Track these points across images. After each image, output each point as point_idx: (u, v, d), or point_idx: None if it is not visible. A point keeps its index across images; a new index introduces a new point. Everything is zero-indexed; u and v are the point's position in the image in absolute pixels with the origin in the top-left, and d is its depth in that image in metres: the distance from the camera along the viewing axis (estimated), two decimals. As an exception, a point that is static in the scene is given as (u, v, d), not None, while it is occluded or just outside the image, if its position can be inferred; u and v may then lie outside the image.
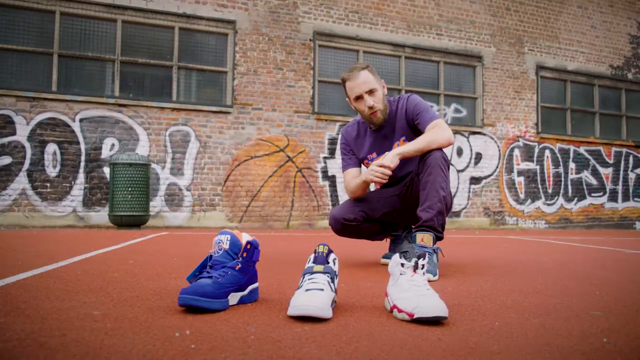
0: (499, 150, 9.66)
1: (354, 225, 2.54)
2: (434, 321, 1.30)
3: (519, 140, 9.84)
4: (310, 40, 8.42)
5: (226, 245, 1.50)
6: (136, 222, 6.46)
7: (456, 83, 9.55)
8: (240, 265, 1.49)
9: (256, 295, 1.57)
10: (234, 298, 1.47)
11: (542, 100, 10.13)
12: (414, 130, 2.48)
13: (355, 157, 2.61)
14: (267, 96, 8.13)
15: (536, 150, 9.98)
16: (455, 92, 9.50)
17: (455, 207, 9.28)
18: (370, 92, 2.41)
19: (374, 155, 2.55)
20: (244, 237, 1.54)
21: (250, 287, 1.53)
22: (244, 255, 1.51)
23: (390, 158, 2.30)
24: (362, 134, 2.59)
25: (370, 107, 2.41)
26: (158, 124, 7.48)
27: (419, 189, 2.40)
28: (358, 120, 2.64)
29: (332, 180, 8.39)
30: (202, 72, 7.99)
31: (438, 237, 2.30)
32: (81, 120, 7.12)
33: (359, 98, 2.43)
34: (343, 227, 2.55)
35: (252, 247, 1.52)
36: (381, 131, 2.52)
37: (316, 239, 5.06)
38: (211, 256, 1.52)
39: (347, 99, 2.51)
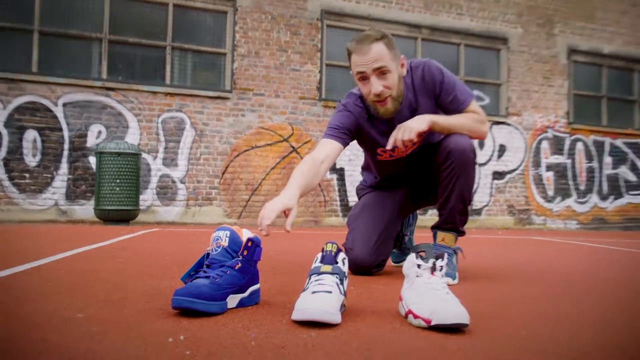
0: (525, 142, 9.61)
1: (383, 265, 2.45)
2: (454, 329, 1.29)
3: (547, 132, 9.79)
4: (318, 19, 8.39)
5: (225, 242, 1.50)
6: (125, 217, 6.48)
7: (478, 68, 9.49)
8: (240, 265, 1.49)
9: (257, 298, 1.57)
10: (233, 300, 1.47)
11: (574, 87, 10.05)
12: (441, 110, 2.27)
13: (348, 137, 2.25)
14: (269, 81, 8.12)
15: (567, 142, 9.92)
16: (478, 78, 9.44)
17: (476, 205, 9.25)
18: (381, 72, 2.04)
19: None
20: (245, 234, 1.53)
21: (250, 289, 1.53)
22: (245, 253, 1.50)
23: (420, 122, 2.08)
24: (374, 115, 2.22)
25: (378, 95, 2.07)
26: (150, 109, 7.49)
27: (431, 175, 2.34)
28: None
29: (340, 173, 8.38)
30: (198, 54, 7.98)
31: (459, 235, 2.29)
32: (64, 104, 7.14)
33: (363, 77, 2.08)
34: (372, 272, 2.38)
35: (254, 244, 1.52)
36: (399, 113, 2.19)
37: (322, 238, 5.06)
38: (208, 254, 1.52)
39: (351, 72, 2.16)
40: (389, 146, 2.11)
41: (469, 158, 2.17)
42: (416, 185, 2.51)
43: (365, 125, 2.27)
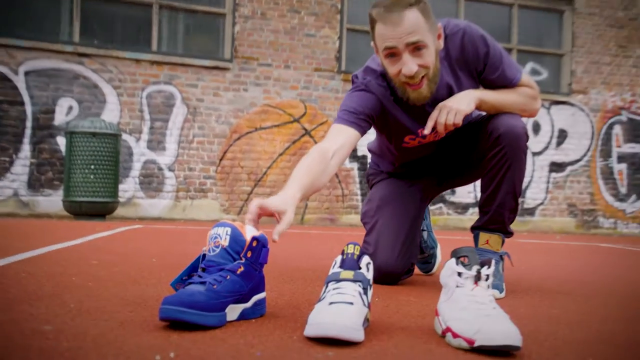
0: (592, 126, 9.52)
1: (412, 269, 2.47)
2: (502, 352, 1.28)
3: (621, 114, 9.69)
4: (338, -29, 8.37)
5: (225, 242, 1.50)
6: (100, 210, 6.54)
7: (535, 34, 9.40)
8: (242, 269, 1.49)
9: (263, 309, 1.58)
10: (233, 311, 1.48)
11: (654, 59, 9.94)
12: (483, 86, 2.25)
13: (367, 125, 2.18)
14: (278, 48, 8.12)
15: (644, 127, 9.83)
16: (534, 47, 9.35)
17: (528, 203, 9.20)
18: (416, 47, 1.96)
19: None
20: (249, 232, 1.54)
21: (255, 298, 1.54)
22: (248, 255, 1.51)
23: (467, 101, 2.07)
24: (401, 96, 2.15)
25: (411, 76, 2.00)
26: (132, 81, 7.53)
27: (470, 159, 2.33)
28: None
29: (362, 162, 8.37)
30: (192, 14, 8.00)
31: (507, 237, 2.29)
32: (27, 73, 7.20)
33: (392, 53, 2.00)
34: (400, 279, 2.41)
35: (259, 244, 1.52)
36: (432, 95, 2.12)
37: (339, 239, 5.06)
38: (204, 256, 1.52)
39: (372, 44, 2.08)
40: (427, 130, 2.10)
41: (523, 144, 2.16)
42: (445, 166, 2.50)
43: (391, 108, 2.21)
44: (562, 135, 9.38)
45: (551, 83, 9.46)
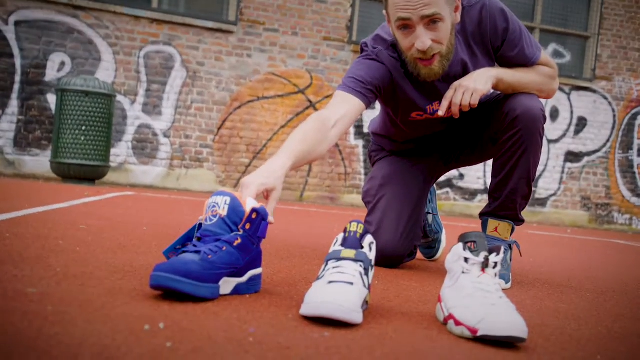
0: (614, 116, 9.50)
1: (415, 252, 2.50)
2: (506, 342, 1.29)
3: (645, 104, 9.66)
4: None
5: (224, 211, 1.50)
6: (90, 174, 6.55)
7: (560, 14, 9.34)
8: (240, 241, 1.50)
9: (258, 285, 1.59)
10: (227, 285, 1.49)
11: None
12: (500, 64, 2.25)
13: (373, 97, 2.15)
14: (286, 13, 8.07)
15: (669, 120, 9.81)
16: (558, 28, 9.29)
17: (540, 193, 9.20)
18: (433, 20, 1.94)
19: (437, 105, 2.22)
20: (249, 203, 1.54)
21: (250, 273, 1.55)
22: (247, 227, 1.51)
23: (485, 80, 2.07)
24: (412, 71, 2.14)
25: (424, 52, 1.99)
26: (130, 39, 7.50)
27: (482, 140, 2.34)
28: None
29: (368, 139, 8.36)
30: (196, -30, 7.94)
31: (517, 224, 2.31)
32: (17, 23, 7.17)
33: (406, 25, 1.97)
34: (402, 262, 2.44)
35: (259, 216, 1.53)
36: (446, 70, 2.12)
37: (340, 219, 5.08)
38: (200, 225, 1.53)
39: (384, 12, 2.06)
40: (442, 111, 2.10)
41: (540, 127, 2.16)
42: (452, 143, 2.50)
43: (401, 82, 2.19)
44: (581, 124, 9.36)
45: (574, 67, 9.41)
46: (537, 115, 2.13)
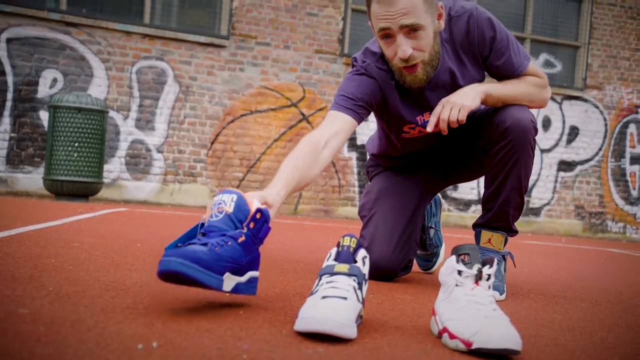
0: (606, 124, 9.54)
1: (410, 266, 2.49)
2: (501, 355, 1.29)
3: (638, 112, 9.71)
4: (345, -52, 8.34)
5: (230, 208, 1.53)
6: (83, 191, 6.54)
7: (550, 24, 9.40)
8: (244, 238, 1.51)
9: (254, 288, 1.59)
10: (229, 281, 1.49)
11: (674, 56, 9.95)
12: (489, 73, 2.28)
13: (365, 112, 2.18)
14: (278, 27, 8.10)
15: (660, 128, 9.86)
16: (548, 37, 9.34)
17: (534, 202, 9.22)
18: (412, 29, 1.98)
19: (428, 116, 2.24)
20: (255, 204, 1.57)
21: (249, 274, 1.56)
22: (251, 226, 1.54)
23: (473, 96, 2.08)
24: (398, 79, 2.17)
25: (405, 60, 2.02)
26: (122, 55, 7.51)
27: (475, 153, 2.35)
28: None
29: (361, 151, 8.38)
30: (187, -14, 7.96)
31: (511, 235, 2.31)
32: (9, 40, 7.17)
33: (387, 35, 2.01)
34: (397, 276, 2.43)
35: (263, 217, 1.55)
36: (435, 79, 2.17)
37: (334, 232, 5.08)
38: (203, 224, 1.55)
39: (369, 24, 2.09)
40: (429, 128, 2.11)
41: (530, 138, 2.17)
42: (447, 159, 2.51)
43: (390, 95, 2.22)
44: (573, 133, 9.40)
45: (565, 76, 9.46)
46: (527, 126, 2.14)
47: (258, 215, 1.54)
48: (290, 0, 8.16)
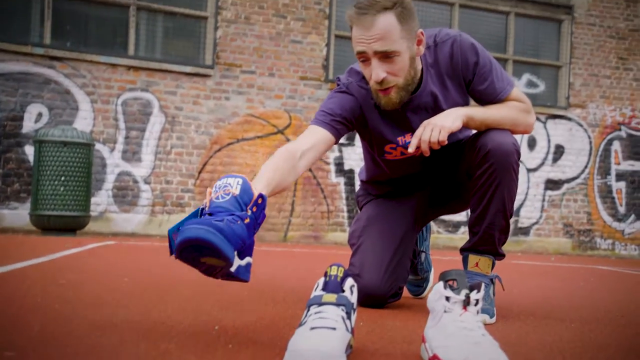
0: (591, 142, 9.61)
1: (400, 293, 2.47)
2: (492, 381, 1.29)
3: (621, 129, 9.79)
4: (327, -24, 8.42)
5: (236, 190, 1.57)
6: (71, 225, 6.50)
7: (531, 45, 9.50)
8: (249, 220, 1.54)
9: (249, 273, 1.60)
10: (235, 260, 1.52)
11: (656, 72, 10.07)
12: (472, 98, 2.31)
13: (343, 128, 2.23)
14: (262, 55, 8.14)
15: (645, 144, 9.94)
16: (531, 58, 9.45)
17: (523, 222, 9.25)
18: (386, 55, 2.03)
19: (409, 137, 2.25)
20: (256, 190, 1.62)
21: (247, 259, 1.58)
22: (254, 210, 1.58)
23: (453, 118, 2.10)
24: (375, 100, 2.22)
25: (379, 82, 2.07)
26: (107, 87, 7.52)
27: (460, 178, 2.36)
28: None
29: (349, 176, 8.39)
30: (171, 17, 8.01)
31: (498, 259, 2.31)
32: (-6, 76, 7.17)
33: (364, 59, 2.08)
34: (386, 303, 2.41)
35: (263, 203, 1.60)
36: (417, 100, 2.22)
37: (324, 258, 5.06)
38: (203, 209, 1.58)
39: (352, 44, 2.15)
40: (411, 149, 2.12)
41: (512, 160, 2.18)
42: (436, 186, 2.52)
43: (370, 114, 2.27)
44: (559, 151, 9.46)
45: (548, 96, 9.55)
46: (508, 149, 2.16)
47: (259, 201, 1.59)
48: (274, 28, 8.22)
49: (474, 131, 2.30)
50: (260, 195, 1.59)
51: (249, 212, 1.55)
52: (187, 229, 1.41)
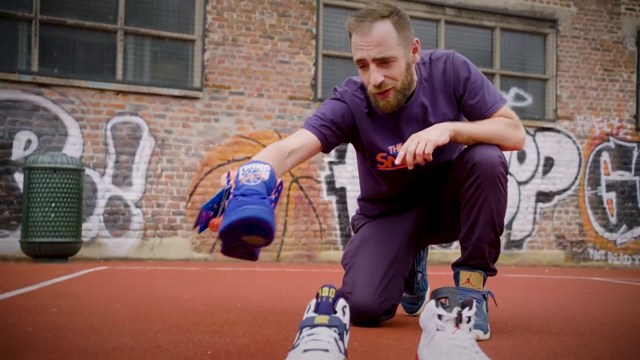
0: (580, 154, 9.66)
1: (394, 310, 2.47)
2: (486, 399, 1.29)
3: (609, 140, 9.86)
4: (312, -4, 8.48)
5: (266, 176, 1.66)
6: (62, 251, 6.47)
7: (518, 58, 9.58)
8: (274, 205, 1.65)
9: (259, 252, 1.75)
10: None
11: (643, 82, 10.15)
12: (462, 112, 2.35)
13: (332, 135, 2.31)
14: (250, 76, 8.17)
15: (635, 153, 9.99)
16: (517, 72, 9.52)
17: (515, 235, 9.26)
18: (384, 61, 2.14)
19: (400, 147, 2.28)
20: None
21: None
22: (276, 195, 1.70)
23: (440, 132, 2.13)
24: (376, 111, 2.32)
25: (377, 86, 2.17)
26: (96, 112, 7.52)
27: (450, 196, 2.37)
28: None
29: (340, 194, 8.40)
30: (159, 41, 8.04)
31: (489, 274, 2.31)
32: (-19, 104, 7.16)
33: (363, 65, 2.19)
34: (379, 321, 2.40)
35: (281, 189, 1.74)
36: (408, 110, 2.30)
37: (317, 277, 5.05)
38: (227, 191, 1.70)
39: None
40: (397, 160, 2.13)
41: (499, 173, 2.20)
42: (431, 207, 2.53)
43: (362, 122, 2.35)
44: (549, 164, 9.50)
45: (536, 109, 9.61)
46: (494, 161, 2.18)
47: (280, 187, 1.72)
48: (262, 49, 8.25)
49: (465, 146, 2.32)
50: (281, 183, 1.72)
51: (273, 197, 1.67)
52: (246, 208, 1.51)
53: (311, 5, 8.47)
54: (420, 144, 2.10)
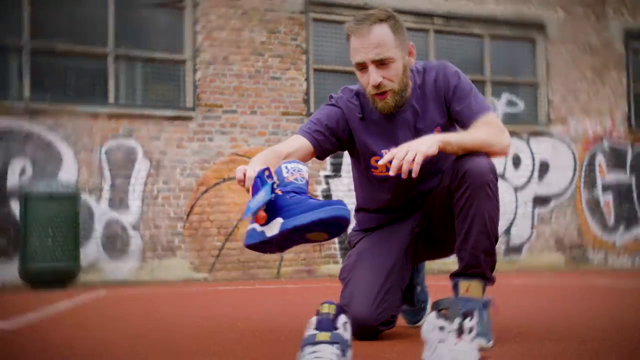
0: (574, 157, 9.68)
1: (393, 321, 2.47)
2: (491, 409, 1.29)
3: (602, 142, 9.87)
4: (301, 12, 8.51)
5: (306, 176, 1.80)
6: (60, 277, 6.43)
7: (509, 65, 9.60)
8: None
9: None
10: None
11: (635, 81, 10.18)
12: (452, 119, 2.42)
13: (325, 141, 2.41)
14: (243, 93, 8.18)
15: (629, 153, 10.01)
16: (508, 78, 9.55)
17: (514, 241, 9.25)
18: (382, 62, 2.25)
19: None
20: None
21: None
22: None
23: (429, 144, 2.14)
24: (369, 116, 2.42)
25: (376, 87, 2.27)
26: (89, 137, 7.51)
27: (444, 207, 2.38)
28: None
29: (338, 208, 8.38)
30: (150, 63, 8.05)
31: (488, 283, 2.30)
32: (-27, 133, 7.15)
33: (362, 67, 2.30)
34: (379, 332, 2.41)
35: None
36: (400, 115, 2.40)
37: (318, 292, 5.04)
38: (272, 185, 1.74)
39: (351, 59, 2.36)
40: (382, 161, 2.15)
41: (489, 180, 2.22)
42: (429, 220, 2.53)
43: (356, 126, 2.44)
44: (544, 168, 9.51)
45: (528, 114, 9.62)
46: (483, 169, 2.21)
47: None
48: (253, 66, 8.27)
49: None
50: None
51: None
52: (335, 207, 1.65)
53: (300, 20, 8.50)
54: (410, 153, 2.10)
